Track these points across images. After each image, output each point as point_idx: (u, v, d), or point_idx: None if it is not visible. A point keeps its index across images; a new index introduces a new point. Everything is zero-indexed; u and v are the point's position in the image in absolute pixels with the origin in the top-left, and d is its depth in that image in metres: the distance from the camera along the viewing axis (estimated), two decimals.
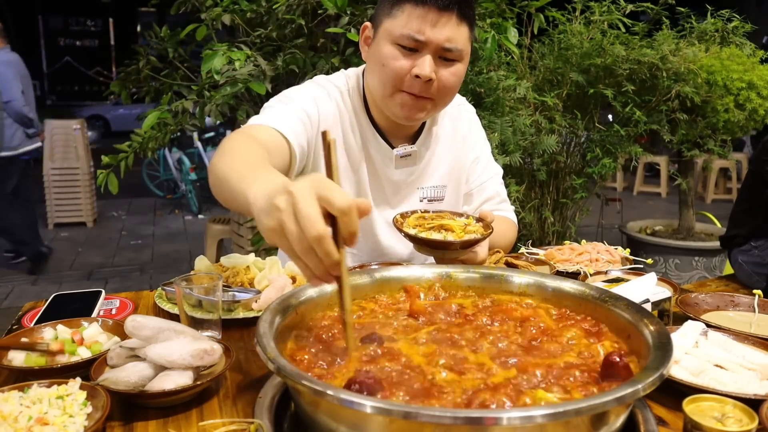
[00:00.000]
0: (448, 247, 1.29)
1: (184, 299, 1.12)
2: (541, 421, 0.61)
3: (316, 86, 1.50)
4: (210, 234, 4.54)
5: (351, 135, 1.50)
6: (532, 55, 3.29)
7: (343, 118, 1.49)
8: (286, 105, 1.42)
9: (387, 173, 1.55)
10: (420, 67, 1.33)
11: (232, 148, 1.14)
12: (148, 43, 3.36)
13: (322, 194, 0.74)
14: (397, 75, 1.35)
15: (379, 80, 1.40)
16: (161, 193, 8.71)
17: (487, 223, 1.38)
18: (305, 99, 1.44)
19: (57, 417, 0.81)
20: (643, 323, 0.85)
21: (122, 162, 2.78)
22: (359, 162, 1.51)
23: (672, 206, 6.05)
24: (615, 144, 3.16)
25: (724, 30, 3.38)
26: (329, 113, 1.46)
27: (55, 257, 5.64)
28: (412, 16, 1.31)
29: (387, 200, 1.58)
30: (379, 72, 1.38)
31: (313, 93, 1.47)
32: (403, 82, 1.36)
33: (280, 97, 1.46)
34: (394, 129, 1.52)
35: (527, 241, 2.69)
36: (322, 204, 0.74)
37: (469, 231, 1.35)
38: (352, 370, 0.79)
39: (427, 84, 1.35)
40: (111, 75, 20.75)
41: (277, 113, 1.38)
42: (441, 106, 1.47)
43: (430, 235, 1.32)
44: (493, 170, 1.71)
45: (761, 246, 2.04)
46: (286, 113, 1.38)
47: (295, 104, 1.42)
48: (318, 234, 0.72)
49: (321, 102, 1.46)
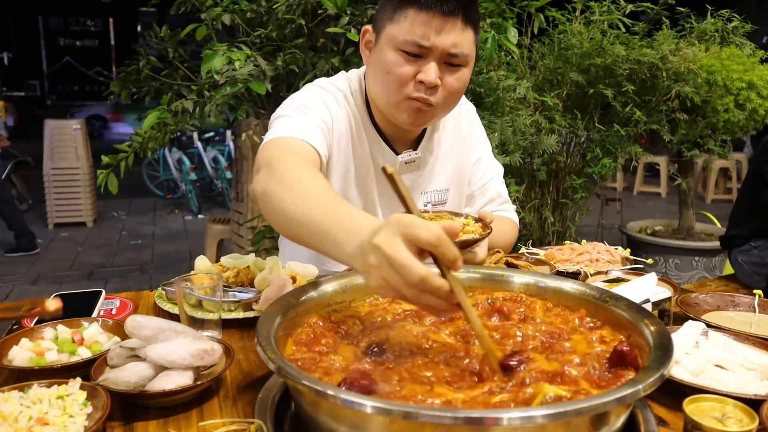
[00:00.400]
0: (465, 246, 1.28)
1: (184, 299, 1.12)
2: (541, 421, 0.61)
3: (323, 91, 1.46)
4: (210, 234, 4.54)
5: (358, 141, 1.47)
6: (532, 55, 3.29)
7: (352, 123, 1.46)
8: (305, 114, 1.38)
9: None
10: (425, 73, 1.29)
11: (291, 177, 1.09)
12: (148, 43, 3.37)
13: (408, 235, 0.74)
14: (401, 82, 1.32)
15: (383, 88, 1.37)
16: (161, 193, 8.72)
17: (486, 223, 1.37)
18: (320, 106, 1.41)
19: (57, 417, 0.81)
20: (644, 323, 0.85)
21: (122, 162, 2.78)
22: (367, 169, 1.49)
23: (672, 206, 6.05)
24: (615, 144, 3.16)
25: (724, 30, 3.38)
26: (341, 119, 1.44)
27: (55, 257, 5.65)
28: (416, 21, 1.27)
29: (393, 208, 1.55)
30: (383, 79, 1.35)
31: (324, 99, 1.44)
32: (407, 89, 1.33)
33: (294, 104, 1.42)
34: (397, 134, 1.50)
35: (527, 241, 2.70)
36: (412, 243, 0.74)
37: (467, 231, 1.34)
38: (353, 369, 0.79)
39: (432, 90, 1.32)
40: (111, 75, 20.76)
41: (300, 123, 1.35)
42: (446, 111, 1.44)
43: None
44: (494, 170, 1.70)
45: (761, 246, 2.04)
46: (308, 123, 1.35)
47: (312, 112, 1.38)
48: (420, 278, 0.73)
49: (333, 108, 1.43)
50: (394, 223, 0.76)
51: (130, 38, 19.14)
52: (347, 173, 1.46)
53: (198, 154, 8.20)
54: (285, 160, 1.17)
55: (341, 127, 1.44)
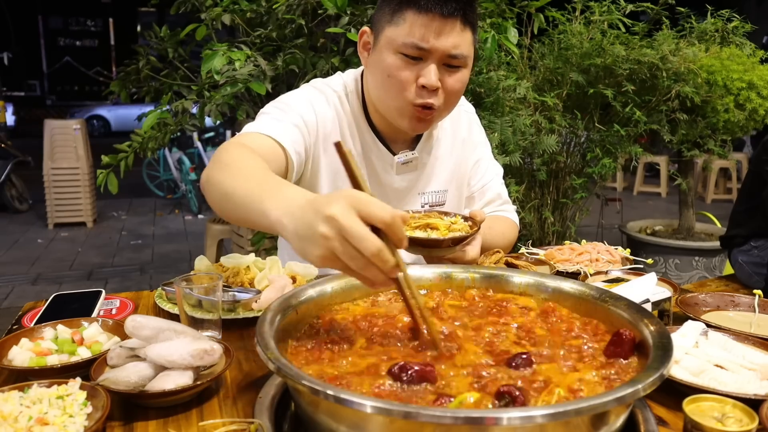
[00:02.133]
0: (439, 245, 1.29)
1: (184, 299, 1.12)
2: (541, 421, 0.61)
3: (314, 91, 1.46)
4: (210, 234, 4.54)
5: (351, 141, 1.46)
6: (532, 55, 3.29)
7: (342, 124, 1.46)
8: (283, 111, 1.38)
9: (388, 180, 1.52)
10: (426, 76, 1.29)
11: (231, 162, 1.11)
12: (148, 43, 3.36)
13: (362, 212, 0.76)
14: (402, 86, 1.31)
15: (384, 92, 1.36)
16: (161, 193, 8.72)
17: (476, 221, 1.38)
18: (303, 105, 1.41)
19: (57, 417, 0.81)
20: (643, 323, 0.85)
21: (122, 162, 2.78)
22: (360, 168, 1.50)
23: (672, 206, 6.06)
24: (615, 144, 3.16)
25: (724, 30, 3.38)
26: (328, 119, 1.43)
27: (55, 257, 5.65)
28: (416, 24, 1.26)
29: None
30: (384, 83, 1.34)
31: (311, 98, 1.43)
32: (410, 94, 1.32)
33: (276, 103, 1.42)
34: (394, 134, 1.50)
35: (527, 241, 2.70)
36: (364, 219, 0.76)
37: (454, 229, 1.36)
38: (353, 369, 0.79)
39: (433, 93, 1.32)
40: (111, 75, 20.78)
41: (272, 120, 1.35)
42: (446, 113, 1.44)
43: (413, 233, 1.32)
44: (493, 171, 1.70)
45: (761, 246, 2.04)
46: (282, 120, 1.35)
47: (292, 111, 1.38)
48: (377, 249, 0.75)
49: (319, 107, 1.42)
50: (348, 197, 0.77)
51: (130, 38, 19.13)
52: (337, 174, 1.45)
53: (198, 154, 8.19)
54: (230, 149, 1.18)
55: (328, 128, 1.43)
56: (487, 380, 0.76)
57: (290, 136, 1.33)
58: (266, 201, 0.90)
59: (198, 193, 7.74)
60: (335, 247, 0.75)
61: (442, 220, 1.39)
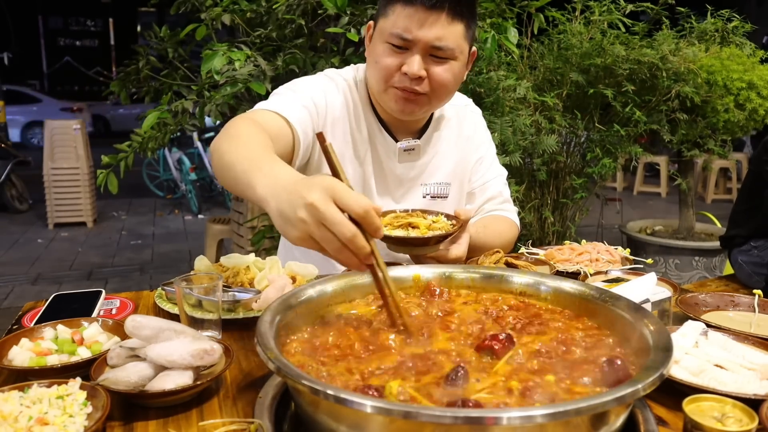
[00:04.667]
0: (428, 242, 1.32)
1: (184, 299, 1.12)
2: (541, 420, 0.61)
3: (325, 78, 1.54)
4: (210, 234, 4.55)
5: (357, 127, 1.53)
6: (532, 55, 3.29)
7: (350, 111, 1.52)
8: (294, 92, 1.46)
9: (390, 166, 1.57)
10: (408, 65, 1.36)
11: (237, 134, 1.18)
12: (148, 43, 3.36)
13: (339, 200, 0.82)
14: (387, 72, 1.39)
15: (372, 76, 1.45)
16: (161, 193, 8.72)
17: (459, 220, 1.39)
18: (314, 89, 1.48)
19: (57, 417, 0.81)
20: (643, 323, 0.85)
21: (122, 162, 2.78)
22: (364, 154, 1.54)
23: (672, 206, 6.05)
24: (615, 144, 3.16)
25: (724, 30, 3.38)
26: (337, 105, 1.50)
27: (55, 257, 5.65)
28: (401, 15, 1.34)
29: (390, 193, 1.60)
30: (373, 68, 1.43)
31: (322, 84, 1.51)
32: (393, 79, 1.40)
33: (289, 85, 1.50)
34: (397, 123, 1.55)
35: (527, 241, 2.69)
36: (340, 208, 0.82)
37: (434, 228, 1.38)
38: (353, 369, 0.79)
39: (417, 81, 1.38)
40: (111, 75, 20.77)
41: (284, 100, 1.42)
42: (438, 102, 1.48)
43: (392, 232, 1.35)
44: (497, 171, 1.72)
45: (761, 246, 2.04)
46: (293, 100, 1.42)
47: (303, 93, 1.46)
48: (351, 234, 0.81)
49: (330, 93, 1.50)
50: (328, 187, 0.82)
51: (130, 38, 19.14)
52: (342, 158, 1.50)
53: (198, 154, 8.19)
54: (239, 123, 1.25)
55: (336, 113, 1.50)
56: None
57: (298, 116, 1.40)
58: (257, 176, 0.97)
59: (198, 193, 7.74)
60: (312, 231, 0.82)
61: (424, 219, 1.42)
